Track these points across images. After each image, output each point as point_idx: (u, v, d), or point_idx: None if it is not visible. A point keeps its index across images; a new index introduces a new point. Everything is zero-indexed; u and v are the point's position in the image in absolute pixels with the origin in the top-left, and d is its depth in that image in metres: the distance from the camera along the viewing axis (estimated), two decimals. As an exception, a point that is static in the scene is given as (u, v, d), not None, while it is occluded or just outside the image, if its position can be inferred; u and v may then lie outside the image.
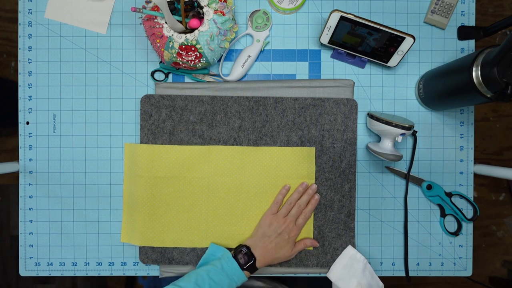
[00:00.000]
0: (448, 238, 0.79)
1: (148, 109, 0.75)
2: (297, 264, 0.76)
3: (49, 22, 0.78)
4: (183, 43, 0.67)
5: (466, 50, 0.79)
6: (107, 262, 0.79)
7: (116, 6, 0.78)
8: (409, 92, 0.79)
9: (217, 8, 0.67)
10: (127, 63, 0.78)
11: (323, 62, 0.78)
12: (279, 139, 0.76)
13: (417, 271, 0.79)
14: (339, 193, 0.76)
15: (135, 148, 0.76)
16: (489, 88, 0.59)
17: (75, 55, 0.78)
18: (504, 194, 1.65)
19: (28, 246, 0.79)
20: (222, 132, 0.76)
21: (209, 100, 0.76)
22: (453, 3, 0.76)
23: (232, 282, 0.68)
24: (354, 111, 0.76)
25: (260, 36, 0.76)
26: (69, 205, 0.78)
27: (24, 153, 0.78)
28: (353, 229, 0.77)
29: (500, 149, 1.63)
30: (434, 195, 0.77)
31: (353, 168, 0.76)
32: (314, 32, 0.78)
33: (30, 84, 0.78)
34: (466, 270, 0.80)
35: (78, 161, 0.78)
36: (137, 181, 0.76)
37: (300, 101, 0.76)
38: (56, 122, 0.78)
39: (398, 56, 0.73)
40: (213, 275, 0.67)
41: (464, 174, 0.79)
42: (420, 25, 0.78)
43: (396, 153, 0.71)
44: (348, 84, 0.76)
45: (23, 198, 0.78)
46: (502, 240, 1.65)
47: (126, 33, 0.78)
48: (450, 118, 0.79)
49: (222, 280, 0.67)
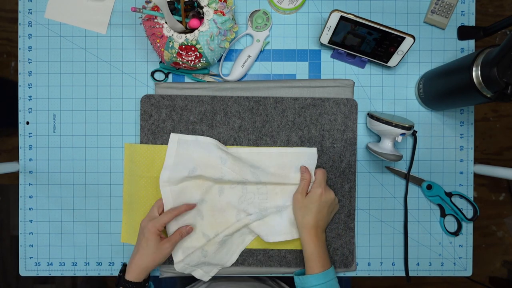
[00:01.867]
0: (448, 238, 0.79)
1: (148, 109, 0.75)
2: (297, 264, 0.76)
3: (49, 22, 0.78)
4: (183, 43, 0.67)
5: (466, 50, 0.79)
6: (107, 262, 0.79)
7: (116, 6, 0.78)
8: (409, 92, 0.79)
9: (217, 8, 0.67)
10: (127, 63, 0.78)
11: (323, 62, 0.78)
12: (279, 139, 0.76)
13: (417, 271, 0.79)
14: (339, 193, 0.76)
15: (135, 148, 0.76)
16: (489, 88, 0.59)
17: (75, 55, 0.78)
18: (504, 194, 1.65)
19: (28, 246, 0.79)
20: (222, 132, 0.76)
21: (209, 100, 0.76)
22: (453, 3, 0.76)
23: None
24: (354, 111, 0.76)
25: (260, 36, 0.76)
26: (69, 205, 0.78)
27: (24, 153, 0.78)
28: (353, 229, 0.77)
29: (500, 149, 1.63)
30: (434, 195, 0.77)
31: (353, 168, 0.76)
32: (314, 32, 0.78)
33: (30, 84, 0.78)
34: (466, 270, 0.80)
35: (78, 161, 0.78)
36: (137, 181, 0.76)
37: (300, 101, 0.76)
38: (56, 122, 0.78)
39: (398, 56, 0.73)
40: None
41: (464, 174, 0.79)
42: (420, 25, 0.78)
43: (396, 153, 0.71)
44: (348, 84, 0.76)
45: (23, 198, 0.78)
46: (502, 240, 1.65)
47: (126, 33, 0.78)
48: (450, 118, 0.79)
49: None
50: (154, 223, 0.68)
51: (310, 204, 0.71)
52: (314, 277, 0.68)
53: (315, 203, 0.70)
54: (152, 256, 0.68)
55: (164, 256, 0.69)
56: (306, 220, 0.71)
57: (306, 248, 0.70)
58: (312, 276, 0.68)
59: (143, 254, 0.68)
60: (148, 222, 0.68)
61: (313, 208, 0.70)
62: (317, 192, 0.71)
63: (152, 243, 0.68)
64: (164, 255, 0.69)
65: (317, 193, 0.71)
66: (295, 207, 0.73)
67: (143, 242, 0.68)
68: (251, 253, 0.76)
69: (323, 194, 0.71)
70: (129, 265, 0.69)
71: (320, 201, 0.70)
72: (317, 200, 0.70)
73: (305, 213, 0.71)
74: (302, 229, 0.71)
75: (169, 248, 0.69)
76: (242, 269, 0.76)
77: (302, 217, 0.71)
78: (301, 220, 0.71)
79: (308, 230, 0.70)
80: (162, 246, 0.68)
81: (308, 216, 0.71)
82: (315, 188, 0.71)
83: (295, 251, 0.76)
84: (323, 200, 0.71)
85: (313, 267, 0.69)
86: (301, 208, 0.71)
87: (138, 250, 0.68)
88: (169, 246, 0.69)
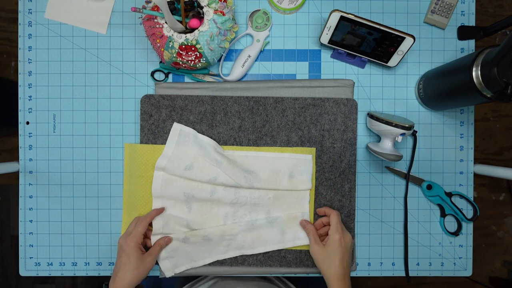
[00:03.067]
0: (448, 238, 0.79)
1: (148, 109, 0.75)
2: (297, 264, 0.76)
3: (49, 22, 0.78)
4: (183, 43, 0.67)
5: (466, 50, 0.79)
6: (107, 262, 0.79)
7: (116, 6, 0.78)
8: (409, 92, 0.79)
9: (217, 8, 0.67)
10: (127, 63, 0.78)
11: (323, 62, 0.78)
12: (279, 139, 0.76)
13: (417, 271, 0.79)
14: (339, 193, 0.76)
15: (135, 148, 0.76)
16: (489, 88, 0.59)
17: (75, 55, 0.78)
18: (504, 194, 1.65)
19: (28, 246, 0.79)
20: (222, 132, 0.76)
21: (209, 100, 0.76)
22: (453, 3, 0.76)
23: None
24: (354, 111, 0.76)
25: (260, 36, 0.76)
26: (69, 205, 0.78)
27: (24, 153, 0.78)
28: (353, 229, 0.77)
29: (500, 149, 1.63)
30: (434, 195, 0.77)
31: (353, 168, 0.76)
32: (314, 32, 0.78)
33: (30, 84, 0.78)
34: (466, 270, 0.80)
35: (78, 161, 0.78)
36: (137, 181, 0.76)
37: (300, 101, 0.76)
38: (56, 122, 0.78)
39: (398, 56, 0.73)
40: None
41: (464, 174, 0.79)
42: (420, 25, 0.78)
43: (396, 153, 0.71)
44: (348, 84, 0.76)
45: (23, 198, 0.78)
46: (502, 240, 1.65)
47: (126, 33, 0.78)
48: (450, 118, 0.79)
49: None
50: (132, 238, 0.68)
51: (332, 253, 0.68)
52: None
53: (337, 251, 0.68)
54: (136, 271, 0.67)
55: (147, 270, 0.69)
56: (333, 271, 0.68)
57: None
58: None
59: (126, 270, 0.67)
60: (126, 238, 0.68)
61: (336, 256, 0.68)
62: (335, 239, 0.68)
63: (134, 257, 0.67)
64: (147, 269, 0.69)
65: (336, 240, 0.68)
66: (317, 260, 0.70)
67: (124, 259, 0.67)
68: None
69: (342, 239, 0.69)
70: (111, 285, 0.67)
71: (341, 247, 0.68)
72: (338, 247, 0.68)
73: (330, 263, 0.68)
74: (331, 280, 0.68)
75: (151, 261, 0.69)
76: (242, 269, 0.76)
77: (327, 268, 0.68)
78: (327, 272, 0.68)
79: (337, 280, 0.67)
80: (144, 260, 0.68)
81: (333, 266, 0.68)
82: (333, 235, 0.69)
83: (295, 251, 0.76)
84: (343, 246, 0.68)
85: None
86: (324, 259, 0.69)
87: (120, 268, 0.67)
88: (151, 260, 0.69)
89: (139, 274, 0.67)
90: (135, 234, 0.69)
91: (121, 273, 0.67)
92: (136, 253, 0.67)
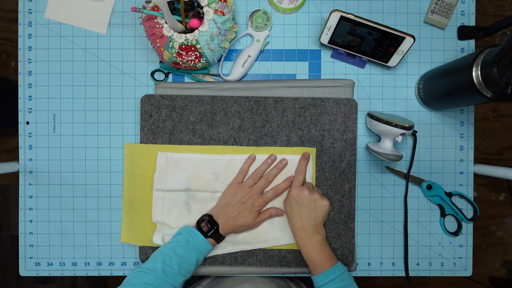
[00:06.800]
0: (448, 238, 0.79)
1: (148, 109, 0.75)
2: (297, 264, 0.76)
3: (49, 22, 0.78)
4: (183, 43, 0.67)
5: (466, 50, 0.79)
6: (107, 262, 0.79)
7: (116, 6, 0.78)
8: (409, 92, 0.79)
9: (217, 8, 0.67)
10: (127, 63, 0.78)
11: (323, 62, 0.78)
12: (279, 139, 0.76)
13: (417, 271, 0.79)
14: (339, 193, 0.76)
15: (135, 148, 0.76)
16: (489, 88, 0.59)
17: (75, 55, 0.78)
18: (504, 194, 1.65)
19: (28, 246, 0.79)
20: (222, 132, 0.76)
21: (209, 100, 0.76)
22: (453, 3, 0.76)
23: (199, 255, 0.68)
24: (354, 111, 0.76)
25: (260, 36, 0.76)
26: (69, 205, 0.78)
27: (24, 153, 0.78)
28: (353, 229, 0.77)
29: (500, 149, 1.63)
30: (434, 195, 0.77)
31: (353, 168, 0.76)
32: (314, 32, 0.78)
33: (30, 84, 0.78)
34: (466, 270, 0.80)
35: (78, 161, 0.78)
36: (137, 180, 0.76)
37: (300, 101, 0.76)
38: (56, 122, 0.78)
39: (398, 56, 0.73)
40: (179, 251, 0.67)
41: (464, 174, 0.79)
42: (420, 25, 0.78)
43: (396, 153, 0.71)
44: (348, 84, 0.76)
45: (23, 198, 0.78)
46: (502, 240, 1.65)
47: (126, 33, 0.78)
48: (450, 118, 0.79)
49: (189, 254, 0.67)
50: (264, 199, 0.72)
51: (288, 208, 0.72)
52: (316, 278, 0.68)
53: (293, 205, 0.71)
54: (247, 226, 0.72)
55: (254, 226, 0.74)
56: (291, 225, 0.72)
57: (302, 252, 0.71)
58: (314, 277, 0.69)
59: (243, 221, 0.71)
60: (258, 196, 0.72)
61: (292, 211, 0.71)
62: (290, 194, 0.72)
63: (253, 216, 0.72)
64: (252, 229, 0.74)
65: (290, 195, 0.71)
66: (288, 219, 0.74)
67: (246, 212, 0.71)
68: (251, 253, 0.76)
69: (296, 194, 0.71)
70: (224, 222, 0.71)
71: (295, 201, 0.71)
72: (293, 202, 0.71)
73: (289, 219, 0.72)
74: (294, 235, 0.72)
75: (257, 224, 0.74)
76: (242, 269, 0.76)
77: (291, 224, 0.72)
78: (291, 227, 0.73)
79: (296, 234, 0.71)
80: (257, 223, 0.73)
81: (291, 221, 0.72)
82: (290, 191, 0.72)
83: (295, 251, 0.76)
84: (297, 201, 0.71)
85: (312, 269, 0.69)
86: (288, 217, 0.73)
87: (239, 213, 0.71)
88: (260, 221, 0.74)
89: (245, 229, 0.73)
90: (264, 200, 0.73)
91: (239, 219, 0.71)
92: (256, 216, 0.73)
